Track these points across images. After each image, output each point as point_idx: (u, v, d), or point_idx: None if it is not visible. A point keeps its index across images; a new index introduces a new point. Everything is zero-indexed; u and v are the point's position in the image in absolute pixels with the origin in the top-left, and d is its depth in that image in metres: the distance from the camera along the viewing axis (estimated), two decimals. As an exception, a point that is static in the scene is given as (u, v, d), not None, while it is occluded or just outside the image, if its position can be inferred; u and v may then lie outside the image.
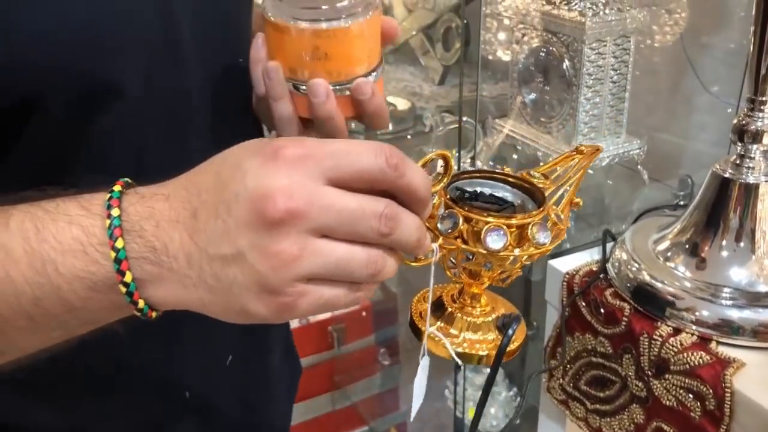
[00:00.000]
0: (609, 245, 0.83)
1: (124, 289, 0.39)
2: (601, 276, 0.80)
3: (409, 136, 1.33)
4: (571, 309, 0.81)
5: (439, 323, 0.52)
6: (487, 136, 1.13)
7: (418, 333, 0.52)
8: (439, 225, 0.47)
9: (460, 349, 0.51)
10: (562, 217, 0.51)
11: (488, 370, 1.20)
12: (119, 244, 0.39)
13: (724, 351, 0.67)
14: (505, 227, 0.46)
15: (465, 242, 0.48)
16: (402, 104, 1.42)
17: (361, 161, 0.39)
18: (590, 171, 0.99)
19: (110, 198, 0.40)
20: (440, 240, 0.47)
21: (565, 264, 0.84)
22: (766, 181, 0.71)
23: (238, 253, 0.38)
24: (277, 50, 0.51)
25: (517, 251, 0.47)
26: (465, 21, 1.28)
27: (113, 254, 0.39)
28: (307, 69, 0.50)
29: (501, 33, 1.23)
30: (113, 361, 0.59)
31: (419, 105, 1.44)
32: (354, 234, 0.39)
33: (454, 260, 0.50)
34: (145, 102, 0.51)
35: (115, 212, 0.39)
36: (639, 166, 1.02)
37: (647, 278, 0.74)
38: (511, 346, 0.51)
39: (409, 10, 1.58)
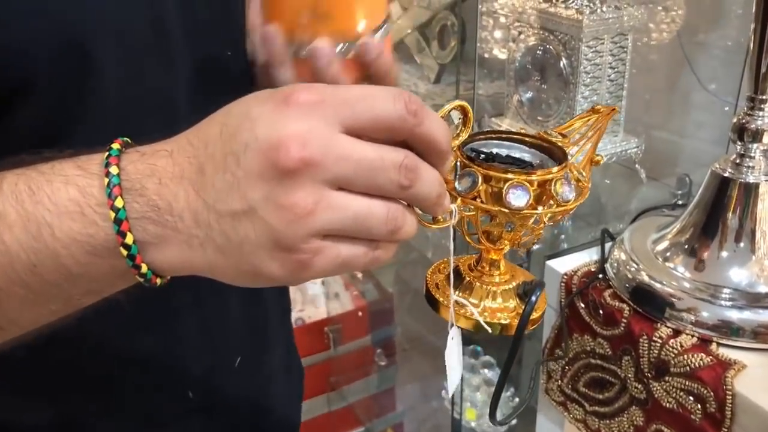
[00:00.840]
0: (608, 245, 0.82)
1: (125, 252, 0.37)
2: (600, 276, 0.79)
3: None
4: (569, 310, 0.80)
5: (457, 293, 0.50)
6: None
7: (435, 304, 0.50)
8: (456, 185, 0.45)
9: (481, 319, 0.48)
10: (584, 174, 0.50)
11: (485, 369, 1.19)
12: (119, 203, 0.36)
13: (725, 353, 0.66)
14: (527, 183, 0.44)
15: (483, 203, 0.45)
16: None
17: (378, 107, 0.36)
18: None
19: (108, 156, 0.38)
20: (458, 201, 0.45)
21: (563, 264, 0.83)
22: (766, 181, 0.71)
23: (249, 207, 0.35)
24: (275, 13, 0.49)
25: (540, 209, 0.45)
26: (461, 19, 1.27)
27: (112, 215, 0.36)
28: (307, 31, 0.47)
29: (497, 31, 1.22)
30: (115, 358, 0.58)
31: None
32: (373, 186, 0.36)
33: (472, 225, 0.48)
34: (129, 88, 0.49)
35: (113, 170, 0.37)
36: (637, 165, 1.02)
37: (646, 279, 0.74)
38: (534, 315, 0.49)
39: (404, 8, 1.57)
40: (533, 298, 0.47)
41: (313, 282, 1.41)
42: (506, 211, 0.44)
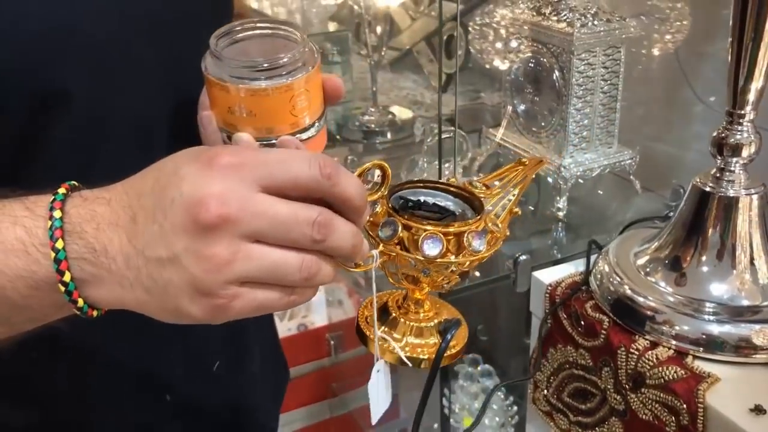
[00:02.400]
0: (584, 259, 0.83)
1: (63, 288, 0.41)
2: (584, 288, 0.80)
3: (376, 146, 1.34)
4: (553, 321, 0.81)
5: (383, 328, 0.54)
6: (481, 146, 1.13)
7: (364, 338, 0.54)
8: (379, 232, 0.50)
9: (402, 353, 0.52)
10: (500, 225, 0.54)
11: (483, 378, 1.19)
12: (59, 244, 0.40)
13: (700, 366, 0.67)
14: (441, 235, 0.49)
15: (407, 250, 0.50)
16: (403, 113, 1.42)
17: (294, 170, 0.40)
18: (581, 181, 0.99)
19: (54, 200, 0.42)
20: (381, 246, 0.50)
21: (550, 275, 0.84)
22: (746, 195, 0.71)
23: (174, 256, 0.39)
24: (211, 101, 0.53)
25: (453, 258, 0.50)
26: (461, 30, 1.28)
27: (53, 254, 0.40)
28: (235, 123, 0.51)
29: (498, 42, 1.23)
30: (91, 363, 0.60)
31: (420, 114, 1.45)
32: (287, 240, 0.40)
33: (397, 267, 0.52)
34: (98, 108, 0.52)
35: (57, 214, 0.41)
36: (632, 177, 1.02)
37: (628, 292, 0.74)
38: (452, 351, 0.53)
39: (412, 18, 1.59)
40: (448, 336, 0.52)
41: (317, 289, 1.43)
42: (421, 258, 0.49)
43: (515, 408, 1.22)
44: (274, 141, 0.53)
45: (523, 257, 0.86)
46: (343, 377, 1.47)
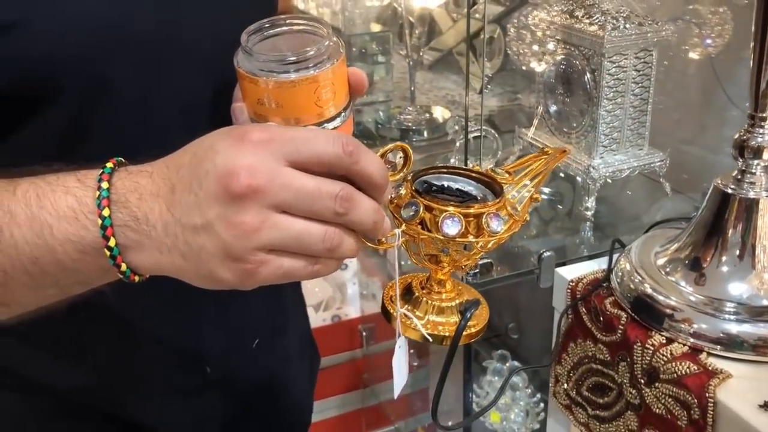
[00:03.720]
0: (607, 257, 0.84)
1: (108, 253, 0.45)
2: (605, 285, 0.81)
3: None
4: (574, 316, 0.83)
5: (407, 306, 0.57)
6: (514, 146, 1.15)
7: (388, 316, 0.57)
8: (402, 212, 0.52)
9: (426, 331, 0.55)
10: (519, 209, 0.56)
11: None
12: (105, 212, 0.44)
13: (713, 362, 0.68)
14: (459, 215, 0.52)
15: (428, 230, 0.53)
16: (442, 113, 1.45)
17: (318, 147, 0.44)
18: (610, 181, 1.00)
19: (102, 173, 0.46)
20: (403, 226, 0.52)
21: (572, 272, 0.86)
22: (766, 197, 0.72)
23: (207, 223, 0.43)
24: (243, 92, 0.57)
25: (471, 238, 0.52)
26: (500, 31, 1.30)
27: (100, 221, 0.45)
28: (265, 114, 0.55)
29: (535, 45, 1.25)
30: (140, 331, 0.65)
31: (458, 113, 1.48)
32: (311, 212, 0.44)
33: (419, 247, 0.55)
34: (143, 95, 0.57)
35: (104, 185, 0.45)
36: (661, 179, 1.03)
37: (648, 290, 0.76)
38: (472, 329, 0.56)
39: (453, 19, 1.61)
40: (467, 314, 0.55)
41: (352, 282, 1.47)
42: (441, 237, 0.52)
43: (541, 405, 1.24)
44: None
45: (547, 254, 0.88)
46: (374, 369, 1.50)
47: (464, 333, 0.56)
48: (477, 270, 0.89)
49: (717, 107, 1.10)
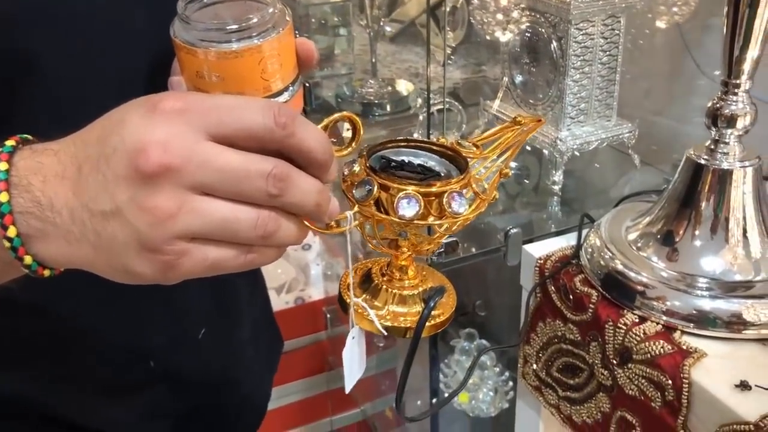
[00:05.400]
0: (576, 233, 0.81)
1: (8, 244, 0.39)
2: (574, 262, 0.78)
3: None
4: (542, 294, 0.80)
5: (365, 296, 0.52)
6: (479, 119, 1.11)
7: (344, 306, 0.52)
8: (355, 192, 0.47)
9: (385, 322, 0.50)
10: (486, 186, 0.51)
11: (475, 353, 1.18)
12: (3, 197, 0.38)
13: (688, 341, 0.66)
14: (418, 195, 0.46)
15: (385, 212, 0.47)
16: (405, 86, 1.40)
17: (245, 117, 0.38)
18: (577, 154, 0.97)
19: (0, 152, 0.40)
20: (356, 207, 0.47)
21: (540, 249, 0.83)
22: (740, 167, 0.69)
23: (117, 208, 0.37)
24: (181, 66, 0.52)
25: (431, 220, 0.47)
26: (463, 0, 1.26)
27: None
28: (205, 88, 0.50)
29: (499, 14, 1.20)
30: (75, 327, 0.60)
31: (422, 86, 1.43)
32: (239, 193, 0.38)
33: (375, 231, 0.50)
34: (76, 77, 0.51)
35: (2, 166, 0.39)
36: (630, 150, 1.00)
37: (619, 266, 0.73)
38: (438, 319, 0.51)
39: (416, -11, 1.56)
40: (431, 304, 0.50)
41: (316, 263, 1.43)
42: (396, 220, 0.46)
43: (510, 384, 1.21)
44: None
45: (514, 230, 0.85)
46: (339, 351, 1.46)
47: (428, 324, 0.51)
48: (441, 249, 0.85)
49: (685, 76, 1.07)
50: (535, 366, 0.83)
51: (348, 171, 0.49)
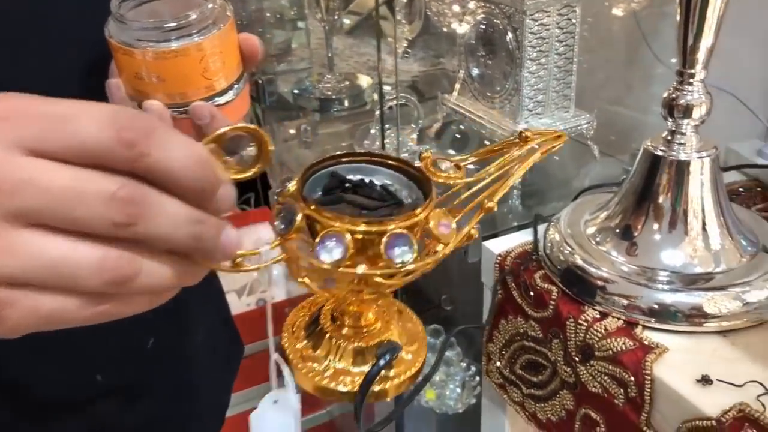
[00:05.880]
0: (544, 226, 0.80)
1: None
2: (534, 257, 0.77)
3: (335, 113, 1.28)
4: (504, 291, 0.78)
5: (305, 342, 0.43)
6: (438, 113, 1.10)
7: (284, 354, 0.44)
8: (276, 220, 0.38)
9: (321, 381, 0.41)
10: (453, 227, 0.39)
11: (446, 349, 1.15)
12: None
13: (650, 336, 0.65)
14: (344, 235, 0.36)
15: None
16: (363, 80, 1.38)
17: (79, 132, 0.29)
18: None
19: None
20: (275, 242, 0.38)
21: (501, 245, 0.81)
22: (698, 158, 0.68)
23: None
24: (119, 68, 0.49)
25: (361, 268, 0.36)
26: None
27: None
28: (145, 90, 0.48)
29: (455, 5, 1.19)
30: (12, 342, 0.56)
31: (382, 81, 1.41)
32: (74, 223, 0.29)
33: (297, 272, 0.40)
34: (3, 84, 0.48)
35: None
36: (589, 142, 0.99)
37: (578, 261, 0.72)
38: (394, 381, 0.41)
39: (372, -19, 1.54)
40: (381, 362, 0.40)
41: (281, 263, 1.40)
42: (315, 263, 0.36)
43: (477, 378, 1.20)
44: (186, 108, 0.50)
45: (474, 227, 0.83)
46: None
47: (378, 389, 0.41)
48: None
49: (643, 65, 1.07)
50: (498, 363, 0.82)
51: (279, 190, 0.41)
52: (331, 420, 1.49)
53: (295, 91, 1.31)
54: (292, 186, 0.40)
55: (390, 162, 0.43)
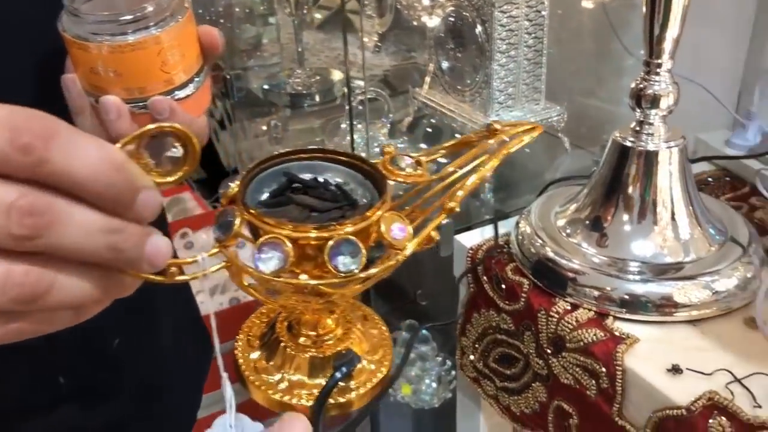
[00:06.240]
0: (514, 219, 0.80)
1: None
2: (506, 250, 0.77)
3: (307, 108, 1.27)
4: (476, 285, 0.78)
5: (259, 353, 0.41)
6: (409, 106, 1.09)
7: (238, 371, 0.41)
8: (215, 224, 0.36)
9: (274, 395, 0.39)
10: (409, 231, 0.36)
11: (420, 344, 1.16)
12: None
13: (620, 327, 0.65)
14: (284, 242, 0.33)
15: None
16: (334, 75, 1.37)
17: None
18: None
19: None
20: (214, 248, 0.36)
21: (472, 238, 0.81)
22: (666, 148, 0.68)
23: None
24: (74, 63, 0.48)
25: (304, 278, 0.34)
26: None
27: None
28: (102, 85, 0.46)
29: (425, -2, 1.18)
30: None
31: (352, 75, 1.40)
32: None
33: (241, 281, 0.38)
34: None
35: None
36: (560, 134, 0.99)
37: (549, 254, 0.71)
38: (353, 393, 0.38)
39: (342, -25, 1.53)
40: (337, 375, 0.38)
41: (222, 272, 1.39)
42: (253, 272, 0.34)
43: (453, 372, 1.20)
44: (145, 103, 0.49)
45: (446, 221, 0.83)
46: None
47: (342, 400, 0.38)
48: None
49: (613, 57, 1.07)
50: (472, 357, 0.82)
51: (223, 191, 0.40)
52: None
53: (265, 87, 1.29)
54: (235, 186, 0.38)
55: (343, 159, 0.40)
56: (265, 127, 1.30)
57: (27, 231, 0.27)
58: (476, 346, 0.81)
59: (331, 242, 0.34)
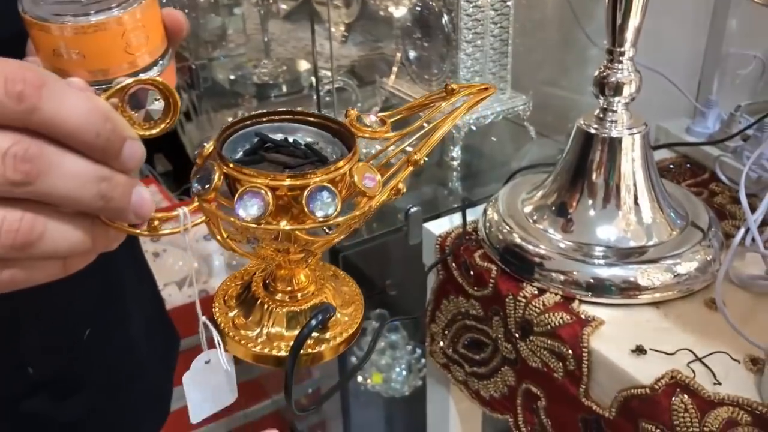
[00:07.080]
0: (482, 207, 0.81)
1: None
2: (474, 237, 0.78)
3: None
4: (445, 272, 0.79)
5: (237, 311, 0.43)
6: (376, 96, 1.09)
7: (215, 324, 0.42)
8: (194, 180, 0.38)
9: (254, 348, 0.40)
10: (378, 179, 0.39)
11: (390, 333, 1.17)
12: None
13: (586, 310, 0.66)
14: (264, 190, 0.35)
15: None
16: (301, 65, 1.37)
17: None
18: (474, 128, 0.97)
19: None
20: (193, 204, 0.37)
21: (441, 226, 0.82)
22: (629, 134, 0.70)
23: None
24: (36, 45, 0.47)
25: (283, 224, 0.36)
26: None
27: None
28: (64, 67, 0.46)
29: (391, -12, 1.18)
30: None
31: (320, 65, 1.40)
32: None
33: (221, 234, 0.39)
34: None
35: None
36: (526, 123, 1.00)
37: (517, 240, 0.73)
38: (330, 343, 0.40)
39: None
40: (312, 323, 0.39)
41: (219, 252, 1.39)
42: (235, 222, 0.36)
43: (422, 361, 1.21)
44: (107, 85, 0.49)
45: (414, 209, 0.84)
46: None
47: (313, 351, 0.40)
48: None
49: (577, 46, 1.08)
50: (441, 344, 0.83)
51: (198, 151, 0.40)
52: (277, 409, 1.49)
53: (232, 77, 1.29)
54: (209, 146, 0.39)
55: (312, 119, 0.42)
56: (231, 118, 1.30)
57: (21, 177, 0.28)
58: (446, 332, 0.82)
59: (308, 189, 0.36)
